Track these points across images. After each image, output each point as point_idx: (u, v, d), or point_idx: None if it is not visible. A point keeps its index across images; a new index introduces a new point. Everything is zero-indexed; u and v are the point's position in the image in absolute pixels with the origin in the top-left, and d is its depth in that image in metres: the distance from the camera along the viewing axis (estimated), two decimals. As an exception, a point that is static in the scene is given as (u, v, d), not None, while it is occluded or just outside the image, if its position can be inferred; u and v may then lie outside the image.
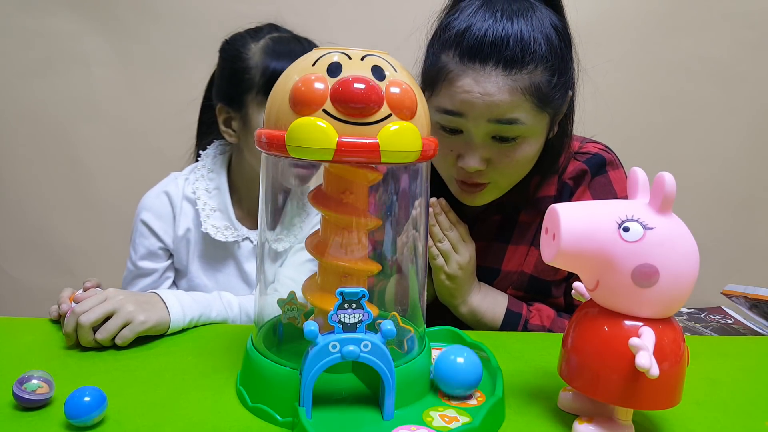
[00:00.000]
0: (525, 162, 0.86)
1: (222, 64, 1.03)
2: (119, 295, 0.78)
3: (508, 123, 0.80)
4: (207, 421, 0.60)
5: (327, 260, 0.65)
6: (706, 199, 1.56)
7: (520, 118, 0.80)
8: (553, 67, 0.81)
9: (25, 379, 0.59)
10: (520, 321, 0.93)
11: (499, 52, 0.77)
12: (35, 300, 1.63)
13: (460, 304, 0.93)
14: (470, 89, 0.78)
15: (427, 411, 0.62)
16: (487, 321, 0.93)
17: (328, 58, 0.59)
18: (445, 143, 0.84)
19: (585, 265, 0.58)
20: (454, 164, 0.86)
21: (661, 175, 0.54)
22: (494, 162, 0.84)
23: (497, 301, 0.94)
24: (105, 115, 1.52)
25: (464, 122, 0.81)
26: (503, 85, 0.78)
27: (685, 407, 0.62)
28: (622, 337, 0.55)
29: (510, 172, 0.86)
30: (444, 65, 0.81)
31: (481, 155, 0.83)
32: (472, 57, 0.78)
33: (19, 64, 1.49)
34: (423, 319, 0.70)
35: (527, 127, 0.81)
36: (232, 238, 1.03)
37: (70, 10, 1.46)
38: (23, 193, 1.57)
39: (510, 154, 0.83)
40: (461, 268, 0.90)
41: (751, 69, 1.51)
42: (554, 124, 0.88)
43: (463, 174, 0.86)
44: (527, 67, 0.78)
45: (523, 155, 0.84)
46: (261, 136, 0.60)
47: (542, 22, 0.80)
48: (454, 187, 0.91)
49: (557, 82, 0.81)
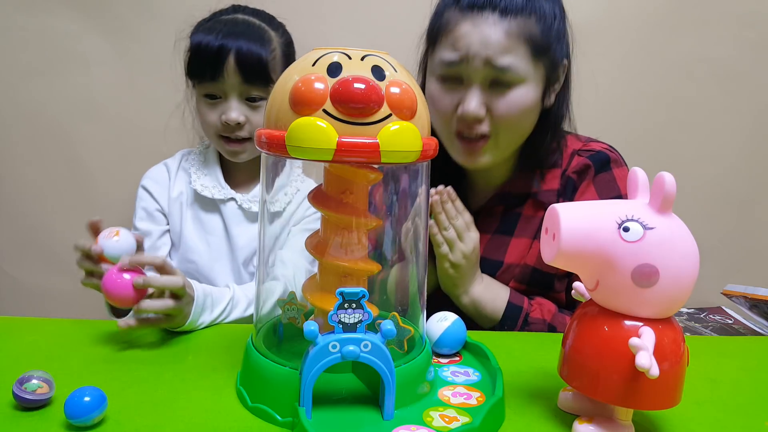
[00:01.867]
0: (522, 111, 0.88)
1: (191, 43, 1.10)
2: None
3: (504, 68, 0.85)
4: (207, 421, 0.60)
5: (327, 260, 0.65)
6: (706, 199, 1.56)
7: (514, 63, 0.85)
8: (547, 23, 0.87)
9: (25, 379, 0.59)
10: (520, 314, 0.93)
11: (494, 3, 0.85)
12: (35, 300, 1.63)
13: (462, 294, 0.93)
14: (469, 32, 0.85)
15: (427, 411, 0.62)
16: (488, 312, 0.93)
17: (328, 58, 0.59)
18: (446, 97, 0.90)
19: (585, 265, 0.58)
20: (454, 116, 0.90)
21: (661, 175, 0.54)
22: (492, 109, 0.88)
23: (499, 293, 0.94)
24: (105, 115, 1.52)
25: (464, 68, 0.87)
26: (499, 28, 0.85)
27: (685, 407, 0.61)
28: (622, 337, 0.55)
29: (508, 120, 0.88)
30: (446, 20, 0.89)
31: (481, 100, 0.87)
32: (471, 7, 0.86)
33: (19, 64, 1.49)
34: (423, 317, 0.71)
35: (522, 74, 0.86)
36: (219, 196, 1.11)
37: (70, 10, 1.46)
38: (23, 193, 1.57)
39: (507, 99, 0.87)
40: (465, 257, 0.90)
41: (751, 69, 1.51)
42: (550, 89, 0.92)
43: (463, 125, 0.89)
44: (521, 15, 0.85)
45: (519, 101, 0.87)
46: (261, 136, 0.60)
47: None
48: (455, 148, 0.93)
49: (550, 35, 0.87)
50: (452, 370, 0.72)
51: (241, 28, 1.03)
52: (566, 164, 0.98)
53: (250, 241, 1.12)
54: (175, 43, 1.10)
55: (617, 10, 1.48)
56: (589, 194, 0.96)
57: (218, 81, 1.03)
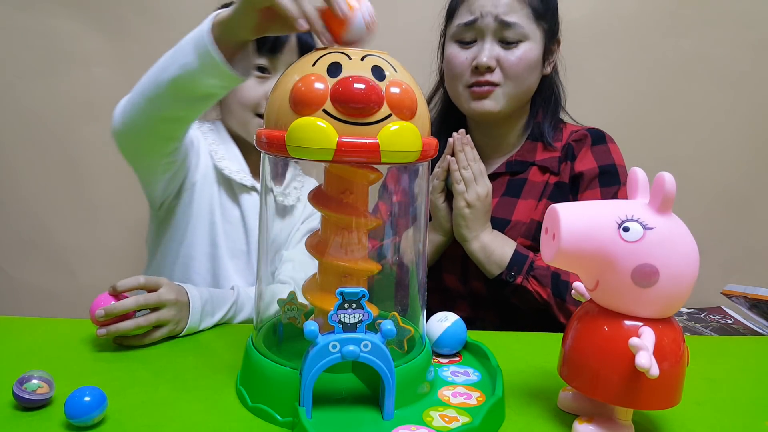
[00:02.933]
0: (526, 64, 1.03)
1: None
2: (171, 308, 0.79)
3: (511, 24, 1.01)
4: (207, 421, 0.60)
5: (327, 260, 0.65)
6: (706, 199, 1.56)
7: (519, 22, 1.02)
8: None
9: (25, 379, 0.59)
10: (526, 261, 0.99)
11: None
12: (35, 300, 1.63)
13: (472, 239, 1.00)
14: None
15: (427, 411, 0.62)
16: (496, 258, 1.00)
17: (328, 58, 0.59)
18: (462, 54, 1.05)
19: (585, 265, 0.58)
20: (468, 69, 1.04)
21: (661, 175, 0.54)
22: (502, 61, 1.02)
23: (507, 242, 1.02)
24: (105, 115, 1.51)
25: (478, 26, 1.03)
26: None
27: (685, 407, 0.61)
28: (622, 337, 0.55)
29: (515, 71, 1.03)
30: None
31: (491, 52, 1.02)
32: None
33: (19, 64, 1.49)
34: (423, 317, 0.71)
35: (526, 32, 1.02)
36: (245, 182, 1.04)
37: (70, 10, 1.46)
38: (23, 193, 1.57)
39: (514, 53, 1.03)
40: (479, 198, 0.99)
41: (751, 69, 1.51)
42: (547, 57, 1.08)
43: (476, 75, 1.03)
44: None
45: (524, 55, 1.03)
46: (261, 136, 0.60)
47: None
48: (466, 97, 1.06)
49: (548, 6, 1.05)
50: (452, 370, 0.72)
51: None
52: (566, 138, 1.10)
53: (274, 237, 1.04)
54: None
55: (617, 10, 1.48)
56: (587, 160, 1.07)
57: (275, 55, 1.01)
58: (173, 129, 0.88)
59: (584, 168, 1.05)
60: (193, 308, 0.81)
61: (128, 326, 0.75)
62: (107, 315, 0.74)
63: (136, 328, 0.76)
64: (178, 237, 1.03)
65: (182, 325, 0.80)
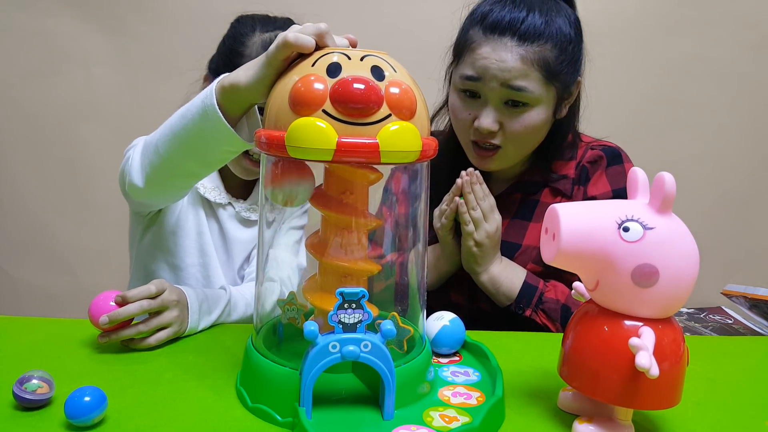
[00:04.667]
0: (532, 129, 0.96)
1: (225, 37, 1.03)
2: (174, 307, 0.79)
3: (518, 90, 0.92)
4: (207, 421, 0.60)
5: (327, 260, 0.65)
6: (706, 199, 1.56)
7: (528, 87, 0.92)
8: (562, 47, 0.94)
9: (25, 379, 0.59)
10: (535, 293, 0.97)
11: (515, 27, 0.92)
12: (35, 300, 1.63)
13: (482, 272, 0.98)
14: (488, 55, 0.92)
15: (427, 411, 0.62)
16: (505, 290, 0.98)
17: (327, 59, 0.59)
18: (465, 106, 0.98)
19: (585, 265, 0.58)
20: (471, 126, 0.97)
21: (661, 175, 0.54)
22: (505, 125, 0.95)
23: (516, 273, 0.99)
24: (105, 115, 1.52)
25: (481, 86, 0.94)
26: (516, 54, 0.91)
27: (685, 407, 0.61)
28: (622, 337, 0.55)
29: (518, 137, 0.96)
30: (470, 37, 0.96)
31: (495, 117, 0.95)
32: (493, 30, 0.93)
33: (19, 64, 1.49)
34: (423, 317, 0.71)
35: (535, 96, 0.93)
36: (219, 200, 1.05)
37: (70, 10, 1.46)
38: (23, 193, 1.57)
39: (519, 119, 0.95)
40: (488, 236, 0.96)
41: (751, 69, 1.51)
42: (562, 104, 0.99)
43: (478, 135, 0.97)
44: (538, 42, 0.92)
45: (530, 121, 0.95)
46: (261, 137, 0.60)
47: (557, 11, 0.95)
48: (470, 153, 1.01)
49: (564, 60, 0.94)
50: (452, 370, 0.72)
51: None
52: (580, 156, 1.05)
53: (247, 245, 1.09)
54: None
55: (617, 10, 1.48)
56: (601, 183, 1.03)
57: None
58: (193, 181, 0.91)
59: (597, 192, 1.02)
60: (191, 308, 0.81)
61: (129, 333, 0.75)
62: (111, 322, 0.74)
63: (137, 334, 0.76)
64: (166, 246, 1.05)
65: (185, 325, 0.81)
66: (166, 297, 0.78)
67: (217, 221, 1.08)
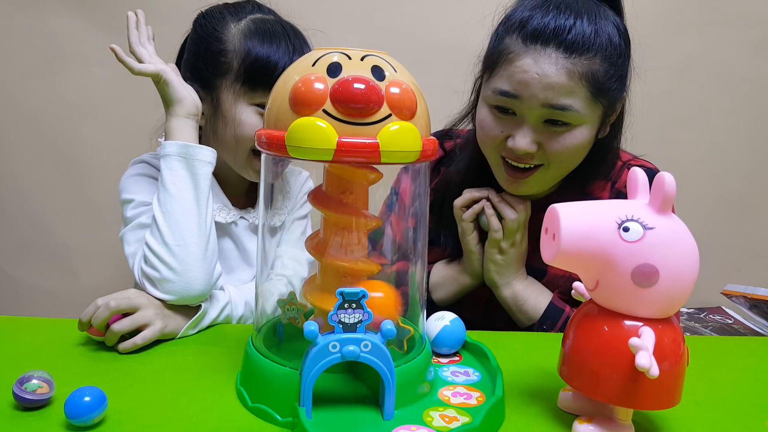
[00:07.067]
0: (574, 150, 0.85)
1: (195, 39, 0.97)
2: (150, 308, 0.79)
3: (562, 109, 0.80)
4: (207, 421, 0.60)
5: (327, 260, 0.65)
6: (706, 199, 1.56)
7: (573, 105, 0.81)
8: (611, 60, 0.82)
9: (25, 379, 0.59)
10: (561, 315, 0.92)
11: (561, 36, 0.79)
12: (35, 300, 1.63)
13: (504, 285, 0.93)
14: (528, 69, 0.80)
15: (427, 411, 0.62)
16: (528, 308, 0.93)
17: (327, 58, 0.59)
18: (496, 123, 0.86)
19: (585, 265, 0.58)
20: (503, 145, 0.86)
21: (661, 175, 0.54)
22: (544, 146, 0.84)
23: (542, 292, 0.94)
24: (105, 115, 1.52)
25: (519, 104, 0.82)
26: (561, 68, 0.79)
27: (685, 407, 0.61)
28: (622, 337, 0.55)
29: (559, 158, 0.85)
30: (506, 47, 0.83)
31: (533, 138, 0.83)
32: (534, 39, 0.80)
33: (19, 64, 1.49)
34: (423, 317, 0.71)
35: (580, 115, 0.82)
36: (229, 219, 1.00)
37: (70, 10, 1.46)
38: (23, 193, 1.57)
39: (561, 140, 0.83)
40: (514, 244, 0.90)
41: (751, 69, 1.51)
42: (606, 122, 0.89)
43: (511, 155, 0.86)
44: (587, 54, 0.80)
45: (573, 142, 0.84)
46: (261, 136, 0.60)
47: (605, 18, 0.83)
48: (500, 175, 0.90)
49: (614, 75, 0.83)
50: (452, 370, 0.72)
51: (294, 42, 0.94)
52: (615, 176, 0.96)
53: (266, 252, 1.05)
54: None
55: (617, 10, 1.48)
56: None
57: None
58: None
59: None
60: None
61: (107, 337, 0.76)
62: (84, 324, 0.76)
63: (115, 334, 0.76)
64: None
65: (172, 326, 0.80)
66: (134, 298, 0.79)
67: (232, 239, 1.03)
